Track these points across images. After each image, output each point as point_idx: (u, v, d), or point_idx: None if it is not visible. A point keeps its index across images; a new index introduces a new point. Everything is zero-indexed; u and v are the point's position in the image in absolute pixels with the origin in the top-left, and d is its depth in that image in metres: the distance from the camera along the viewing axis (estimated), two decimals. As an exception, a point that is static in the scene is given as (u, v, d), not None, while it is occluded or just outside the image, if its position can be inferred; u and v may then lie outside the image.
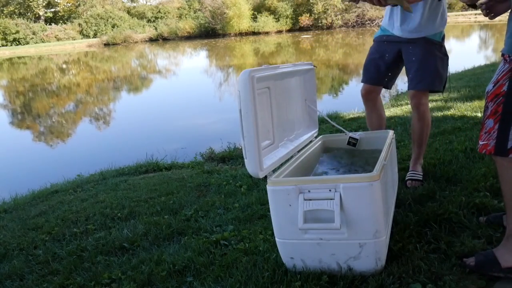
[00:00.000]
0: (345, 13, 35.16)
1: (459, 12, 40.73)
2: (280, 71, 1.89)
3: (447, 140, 3.17)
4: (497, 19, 1.85)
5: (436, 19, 2.34)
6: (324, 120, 3.64)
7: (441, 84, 2.40)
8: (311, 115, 2.32)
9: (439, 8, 2.35)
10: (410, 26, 2.36)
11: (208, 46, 29.54)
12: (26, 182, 4.62)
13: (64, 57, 30.05)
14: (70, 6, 51.64)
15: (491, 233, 1.75)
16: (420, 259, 1.62)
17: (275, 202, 1.63)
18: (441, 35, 2.40)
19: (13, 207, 3.48)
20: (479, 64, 9.32)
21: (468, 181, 2.29)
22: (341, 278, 1.58)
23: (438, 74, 2.35)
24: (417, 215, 1.96)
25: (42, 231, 2.64)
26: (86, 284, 1.90)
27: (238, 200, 2.68)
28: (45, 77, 19.26)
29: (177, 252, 2.04)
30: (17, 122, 10.19)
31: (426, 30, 2.34)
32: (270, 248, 1.89)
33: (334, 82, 11.42)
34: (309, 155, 2.13)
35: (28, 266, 2.18)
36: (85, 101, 12.39)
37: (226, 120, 7.44)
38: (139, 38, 41.51)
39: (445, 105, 4.73)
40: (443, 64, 2.39)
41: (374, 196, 1.52)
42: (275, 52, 22.18)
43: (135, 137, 7.19)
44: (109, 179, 3.90)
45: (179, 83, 14.72)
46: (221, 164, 3.99)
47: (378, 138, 2.22)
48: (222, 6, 36.85)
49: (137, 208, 2.83)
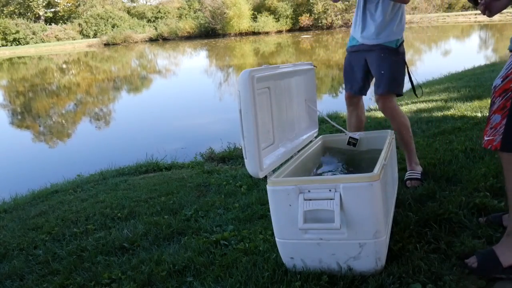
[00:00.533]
0: (345, 13, 35.14)
1: (459, 12, 40.75)
2: (280, 71, 1.89)
3: (447, 140, 3.17)
4: (497, 19, 1.84)
5: (393, 26, 2.46)
6: (324, 120, 3.64)
7: (399, 88, 2.52)
8: (311, 115, 2.33)
9: (397, 16, 2.46)
10: (368, 33, 2.51)
11: (208, 46, 29.54)
12: (26, 182, 4.62)
13: (64, 57, 30.05)
14: (70, 6, 51.65)
15: (491, 233, 1.75)
16: (420, 259, 1.62)
17: (275, 202, 1.63)
18: (398, 42, 2.51)
19: (13, 207, 3.48)
20: (479, 64, 9.32)
21: (468, 181, 2.29)
22: (341, 278, 1.58)
23: (394, 78, 2.45)
24: (417, 215, 1.96)
25: (42, 231, 2.64)
26: (86, 284, 1.90)
27: (238, 200, 2.68)
28: (45, 77, 19.26)
29: (177, 252, 2.04)
30: (17, 122, 10.19)
31: (383, 38, 2.47)
32: (270, 248, 1.89)
33: (334, 82, 11.40)
34: (309, 155, 2.13)
35: (28, 266, 2.18)
36: (85, 101, 12.39)
37: (226, 120, 7.44)
38: (139, 38, 41.51)
39: (445, 105, 4.73)
40: (398, 68, 2.49)
41: (374, 196, 1.52)
42: (275, 52, 22.17)
43: (135, 137, 7.19)
44: (109, 179, 3.90)
45: (179, 83, 14.72)
46: (221, 164, 3.99)
47: (378, 138, 2.23)
48: (222, 6, 36.85)
49: (137, 208, 2.83)
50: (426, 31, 26.55)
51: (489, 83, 5.73)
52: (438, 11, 38.64)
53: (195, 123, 7.85)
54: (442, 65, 10.55)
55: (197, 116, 8.34)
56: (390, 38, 2.46)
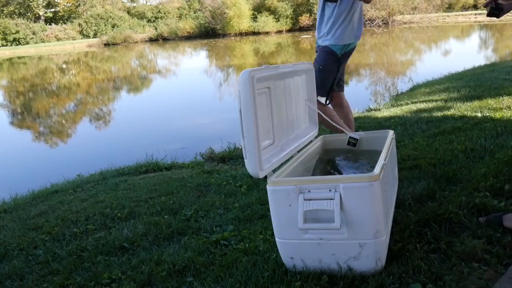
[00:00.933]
0: (345, 13, 35.12)
1: (459, 12, 40.75)
2: (280, 71, 1.89)
3: (447, 140, 3.17)
4: (497, 19, 1.84)
5: (335, 32, 2.73)
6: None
7: (322, 92, 2.74)
8: (311, 115, 2.32)
9: (339, 23, 2.72)
10: (318, 35, 2.82)
11: (208, 46, 29.53)
12: (26, 182, 4.62)
13: (64, 57, 30.05)
14: (70, 6, 51.65)
15: (491, 233, 1.74)
16: (420, 259, 1.62)
17: (275, 202, 1.63)
18: (342, 49, 2.72)
19: (13, 207, 3.48)
20: (479, 64, 9.31)
21: (468, 181, 2.29)
22: (341, 278, 1.58)
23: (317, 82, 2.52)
24: (417, 215, 1.95)
25: (42, 231, 2.64)
26: (86, 284, 1.90)
27: (238, 200, 2.68)
28: (45, 77, 19.26)
29: (177, 252, 2.04)
30: (17, 122, 10.19)
31: (325, 41, 2.72)
32: (270, 248, 1.88)
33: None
34: (309, 155, 2.13)
35: (28, 266, 2.18)
36: (85, 101, 12.40)
37: (226, 120, 7.44)
38: (139, 38, 41.50)
39: (445, 105, 4.73)
40: (324, 74, 2.73)
41: (374, 196, 1.52)
42: (275, 52, 22.17)
43: (135, 137, 7.19)
44: (109, 179, 3.90)
45: (179, 83, 14.72)
46: (221, 164, 3.99)
47: (378, 138, 2.22)
48: (222, 6, 36.82)
49: (137, 208, 2.83)
50: (426, 31, 26.55)
51: (489, 83, 5.75)
52: (438, 11, 38.61)
53: (195, 123, 7.85)
54: (442, 65, 10.55)
55: (197, 116, 8.35)
56: (332, 42, 2.74)
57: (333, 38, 2.82)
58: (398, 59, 15.55)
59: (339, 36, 2.82)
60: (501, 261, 1.58)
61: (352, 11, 2.82)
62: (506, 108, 3.96)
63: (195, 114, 8.56)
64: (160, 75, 17.24)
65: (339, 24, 2.80)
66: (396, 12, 33.78)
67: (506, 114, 3.69)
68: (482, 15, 7.10)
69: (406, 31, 27.67)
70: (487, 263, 1.58)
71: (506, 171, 2.29)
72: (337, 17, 2.80)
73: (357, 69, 12.93)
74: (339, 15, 2.79)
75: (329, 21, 2.82)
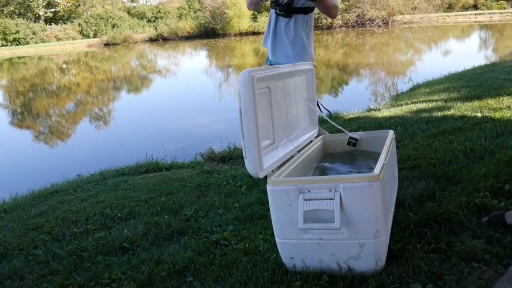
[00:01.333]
0: (345, 13, 35.11)
1: (459, 12, 40.76)
2: (280, 71, 1.89)
3: (447, 140, 3.17)
4: (497, 19, 1.84)
5: (283, 51, 2.70)
6: (324, 120, 3.64)
7: None
8: (311, 115, 2.33)
9: (289, 43, 2.68)
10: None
11: (208, 46, 29.53)
12: (26, 182, 4.62)
13: (64, 57, 30.04)
14: (70, 6, 51.62)
15: (491, 233, 1.74)
16: (420, 259, 1.62)
17: (275, 202, 1.63)
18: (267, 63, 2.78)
19: (13, 207, 3.48)
20: (479, 64, 9.31)
21: (468, 181, 2.29)
22: (341, 278, 1.58)
23: None
24: (417, 215, 1.96)
25: (42, 231, 2.64)
26: (86, 284, 1.90)
27: (238, 200, 2.68)
28: (45, 77, 19.26)
29: (177, 252, 2.04)
30: (17, 122, 10.19)
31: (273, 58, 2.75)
32: (270, 248, 1.88)
33: (334, 82, 11.41)
34: (309, 155, 2.13)
35: (28, 266, 2.18)
36: (85, 101, 12.40)
37: (226, 120, 7.44)
38: (139, 38, 41.48)
39: (445, 105, 4.73)
40: None
41: (374, 196, 1.52)
42: (275, 52, 22.10)
43: (135, 137, 7.19)
44: (109, 179, 3.90)
45: (179, 83, 14.72)
46: (221, 164, 3.99)
47: (378, 138, 2.22)
48: (222, 6, 36.80)
49: (137, 208, 2.83)
50: (426, 31, 26.55)
51: (489, 83, 5.75)
52: (438, 11, 38.60)
53: (195, 123, 7.85)
54: (442, 65, 10.55)
55: (197, 116, 8.35)
56: (280, 61, 2.72)
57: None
58: (398, 59, 15.56)
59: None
60: (501, 261, 1.58)
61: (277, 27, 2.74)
62: (506, 108, 3.96)
63: (195, 114, 8.56)
64: (160, 75, 17.24)
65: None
66: (396, 12, 33.76)
67: (506, 114, 3.70)
68: (482, 15, 7.04)
69: (406, 31, 27.66)
70: (487, 263, 1.58)
71: (506, 171, 2.29)
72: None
73: (357, 69, 12.94)
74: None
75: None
